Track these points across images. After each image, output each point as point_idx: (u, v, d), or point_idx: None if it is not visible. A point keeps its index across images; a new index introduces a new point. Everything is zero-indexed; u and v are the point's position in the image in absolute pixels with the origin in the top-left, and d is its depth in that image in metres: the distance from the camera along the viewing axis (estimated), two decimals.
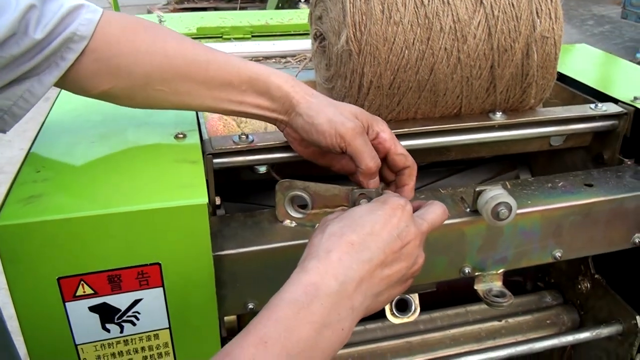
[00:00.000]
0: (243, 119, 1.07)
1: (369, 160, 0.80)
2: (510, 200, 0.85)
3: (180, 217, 0.74)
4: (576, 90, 1.15)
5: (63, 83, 0.79)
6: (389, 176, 0.87)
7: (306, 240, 0.83)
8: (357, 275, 0.63)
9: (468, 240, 0.91)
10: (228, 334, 1.05)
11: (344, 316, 0.62)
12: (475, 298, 1.12)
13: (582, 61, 1.35)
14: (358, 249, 0.64)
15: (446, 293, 1.16)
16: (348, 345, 1.08)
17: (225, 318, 1.05)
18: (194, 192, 0.75)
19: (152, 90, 0.81)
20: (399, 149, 0.83)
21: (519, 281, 1.24)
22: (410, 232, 0.68)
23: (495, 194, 0.86)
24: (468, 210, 0.90)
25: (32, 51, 0.72)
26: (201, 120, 0.95)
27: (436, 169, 1.19)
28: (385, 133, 0.82)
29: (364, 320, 1.13)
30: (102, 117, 0.94)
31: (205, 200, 0.74)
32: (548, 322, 1.15)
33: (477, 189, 0.88)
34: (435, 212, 0.74)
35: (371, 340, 1.09)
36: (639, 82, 1.20)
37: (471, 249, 0.92)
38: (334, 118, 0.79)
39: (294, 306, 0.59)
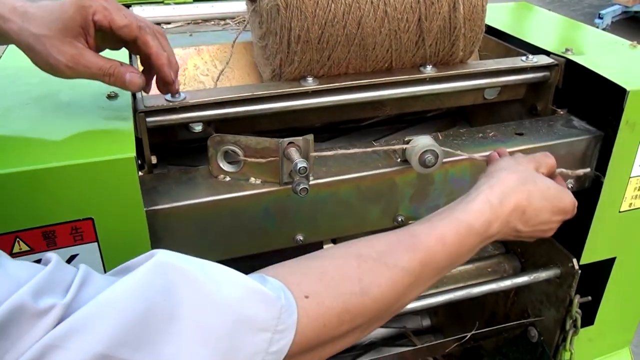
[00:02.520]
0: (182, 81, 1.09)
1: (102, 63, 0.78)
2: (437, 148, 0.88)
3: (109, 172, 0.75)
4: (511, 46, 1.18)
5: None
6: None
7: (240, 194, 0.86)
8: (500, 234, 0.76)
9: (400, 190, 0.93)
10: None
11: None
12: None
13: (519, 18, 1.37)
14: (521, 219, 0.76)
15: None
16: None
17: None
18: (122, 147, 0.77)
19: None
20: (119, 22, 0.76)
21: None
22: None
23: (422, 142, 0.88)
24: (398, 160, 0.92)
25: None
26: None
27: (378, 127, 1.22)
28: (99, 14, 0.75)
29: None
30: (39, 80, 0.95)
31: (133, 154, 0.76)
32: (489, 270, 1.19)
33: (406, 139, 0.90)
34: None
35: None
36: (573, 35, 1.23)
37: (403, 198, 0.94)
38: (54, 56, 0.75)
39: (470, 232, 0.71)
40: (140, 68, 0.87)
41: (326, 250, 0.67)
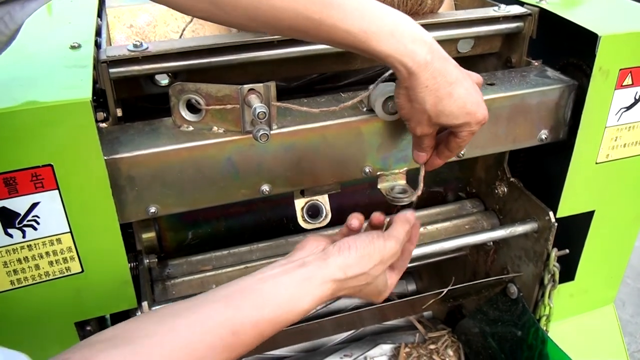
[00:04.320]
0: (153, 38, 1.08)
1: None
2: None
3: (65, 116, 0.76)
4: None
5: None
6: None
7: (202, 143, 0.85)
8: None
9: (366, 140, 0.92)
10: (148, 251, 1.07)
11: None
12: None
13: None
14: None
15: (367, 206, 1.18)
16: (270, 257, 1.11)
17: (144, 235, 1.08)
18: (78, 92, 0.77)
19: (245, 26, 0.79)
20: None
21: (440, 192, 1.26)
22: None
23: (386, 88, 0.87)
24: (364, 109, 0.91)
25: None
26: (103, 35, 0.96)
27: (355, 87, 1.20)
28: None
29: (287, 234, 1.16)
30: None
31: (88, 97, 0.76)
32: (467, 227, 1.18)
33: (371, 87, 0.89)
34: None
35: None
36: None
37: (371, 148, 0.93)
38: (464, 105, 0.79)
39: (287, 323, 0.71)
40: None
41: (154, 341, 0.62)
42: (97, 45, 0.93)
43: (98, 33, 0.99)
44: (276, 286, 0.71)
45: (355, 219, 0.83)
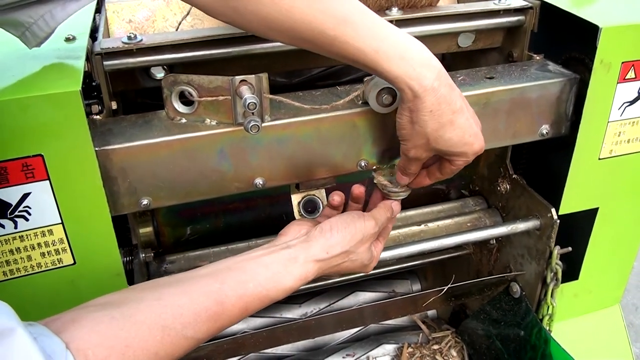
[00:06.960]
0: (151, 33, 1.08)
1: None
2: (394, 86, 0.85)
3: (54, 106, 0.76)
4: None
5: None
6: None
7: (194, 134, 0.85)
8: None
9: (361, 133, 0.91)
10: (145, 245, 1.07)
11: None
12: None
13: None
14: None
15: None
16: None
17: (142, 230, 1.08)
18: (69, 83, 0.77)
19: (262, 34, 0.81)
20: None
21: (442, 189, 1.24)
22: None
23: (379, 81, 0.86)
24: (360, 102, 0.90)
25: None
26: (101, 30, 0.96)
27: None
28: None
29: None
30: None
31: (78, 88, 0.76)
32: (469, 225, 1.16)
33: (365, 79, 0.88)
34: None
35: None
36: None
37: (366, 142, 0.92)
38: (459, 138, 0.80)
39: (271, 301, 0.75)
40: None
41: (142, 305, 0.65)
42: (95, 40, 0.94)
43: (96, 28, 0.99)
44: (260, 265, 0.74)
45: (336, 196, 0.87)
